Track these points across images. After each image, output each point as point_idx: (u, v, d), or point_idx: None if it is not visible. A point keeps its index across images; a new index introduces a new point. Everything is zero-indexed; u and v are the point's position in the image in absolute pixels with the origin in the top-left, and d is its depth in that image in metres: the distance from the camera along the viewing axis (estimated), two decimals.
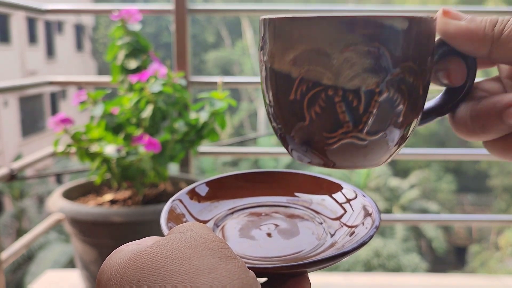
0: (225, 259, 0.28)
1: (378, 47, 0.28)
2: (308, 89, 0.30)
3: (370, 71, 0.29)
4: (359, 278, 1.14)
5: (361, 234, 0.37)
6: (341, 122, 0.30)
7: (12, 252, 0.97)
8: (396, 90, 0.29)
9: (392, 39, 0.29)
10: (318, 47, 0.29)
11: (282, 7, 1.20)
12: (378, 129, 0.30)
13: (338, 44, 0.28)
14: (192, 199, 0.44)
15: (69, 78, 1.23)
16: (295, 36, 0.29)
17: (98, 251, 0.92)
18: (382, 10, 1.24)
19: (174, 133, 0.97)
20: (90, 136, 0.97)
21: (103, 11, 1.17)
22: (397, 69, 0.29)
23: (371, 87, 0.29)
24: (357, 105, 0.29)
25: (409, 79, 0.30)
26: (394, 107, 0.30)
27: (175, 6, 1.14)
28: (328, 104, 0.29)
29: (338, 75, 0.29)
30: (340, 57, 0.28)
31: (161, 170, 0.97)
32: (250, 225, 0.43)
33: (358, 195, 0.42)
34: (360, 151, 0.31)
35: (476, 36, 0.31)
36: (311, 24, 0.29)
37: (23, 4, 1.10)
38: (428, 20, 0.31)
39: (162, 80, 0.97)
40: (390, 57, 0.29)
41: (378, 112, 0.30)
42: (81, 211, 0.90)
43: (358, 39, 0.28)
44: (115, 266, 0.29)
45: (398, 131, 0.31)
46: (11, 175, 1.00)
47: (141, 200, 1.00)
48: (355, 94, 0.29)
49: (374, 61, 0.28)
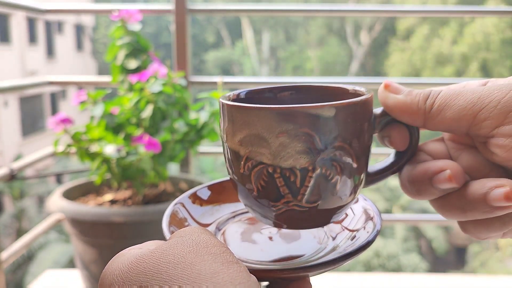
0: (227, 264, 0.28)
1: (307, 132, 0.33)
2: (253, 166, 0.34)
3: (302, 152, 0.33)
4: (359, 278, 1.14)
5: (362, 238, 0.37)
6: (282, 194, 0.34)
7: (12, 252, 0.97)
8: (328, 167, 0.33)
9: (320, 125, 0.33)
10: (258, 132, 0.33)
11: (282, 7, 1.20)
12: (316, 199, 0.34)
13: (274, 130, 0.33)
14: (194, 203, 0.44)
15: (69, 78, 1.23)
16: (240, 121, 0.34)
17: (98, 251, 0.92)
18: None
19: (174, 133, 0.97)
20: (90, 136, 0.97)
21: (103, 11, 1.17)
22: (327, 150, 0.33)
23: (304, 166, 0.33)
24: (294, 180, 0.34)
25: (340, 156, 0.34)
26: (328, 180, 0.34)
27: (175, 6, 1.14)
28: (270, 179, 0.34)
29: (275, 156, 0.33)
30: (276, 141, 0.33)
31: (161, 170, 0.97)
32: (251, 229, 0.43)
33: (359, 199, 0.42)
34: (304, 216, 0.35)
35: (411, 110, 0.35)
36: (252, 112, 0.33)
37: (23, 4, 1.10)
38: (358, 103, 0.34)
39: (162, 80, 0.97)
40: (319, 140, 0.33)
41: (313, 185, 0.34)
42: (81, 211, 0.90)
43: (290, 126, 0.32)
44: (118, 270, 0.29)
45: (336, 198, 0.35)
46: (11, 175, 1.00)
47: (141, 200, 1.00)
48: (291, 171, 0.33)
49: (305, 144, 0.33)
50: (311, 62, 15.76)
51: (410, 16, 1.35)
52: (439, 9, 1.20)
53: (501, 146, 0.32)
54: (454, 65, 13.29)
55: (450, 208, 0.36)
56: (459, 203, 0.35)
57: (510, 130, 0.32)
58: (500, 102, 0.32)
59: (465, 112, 0.33)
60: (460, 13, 1.20)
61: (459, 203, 0.35)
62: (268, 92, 0.42)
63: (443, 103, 0.34)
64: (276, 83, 1.31)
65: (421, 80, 1.19)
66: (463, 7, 1.17)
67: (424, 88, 0.37)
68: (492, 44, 12.81)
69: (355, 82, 1.36)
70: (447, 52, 13.32)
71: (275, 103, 0.39)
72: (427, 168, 0.35)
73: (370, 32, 15.52)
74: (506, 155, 0.33)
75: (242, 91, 0.41)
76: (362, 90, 0.38)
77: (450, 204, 0.36)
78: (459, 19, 13.06)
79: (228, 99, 0.38)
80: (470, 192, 0.34)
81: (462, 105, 0.33)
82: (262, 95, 0.42)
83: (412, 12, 1.24)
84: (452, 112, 0.33)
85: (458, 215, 0.36)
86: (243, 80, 1.29)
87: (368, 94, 0.36)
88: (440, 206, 0.37)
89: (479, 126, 0.33)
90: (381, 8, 1.21)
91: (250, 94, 0.41)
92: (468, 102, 0.33)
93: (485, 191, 0.33)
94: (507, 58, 12.97)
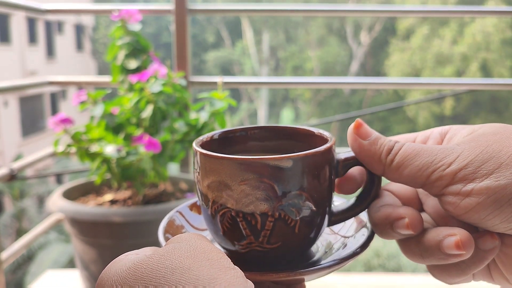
0: (224, 270, 0.28)
1: (267, 182, 0.35)
2: (219, 209, 0.37)
3: (262, 199, 0.35)
4: (359, 278, 1.14)
5: (356, 244, 0.39)
6: (245, 236, 0.37)
7: (12, 252, 0.97)
8: (287, 212, 0.36)
9: (278, 175, 0.35)
10: (222, 179, 0.36)
11: (282, 7, 1.20)
12: (276, 240, 0.37)
13: (236, 179, 0.35)
14: (192, 211, 0.46)
15: (69, 78, 1.23)
16: (208, 168, 0.37)
17: (98, 251, 0.92)
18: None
19: (174, 133, 0.97)
20: (90, 136, 0.97)
21: (103, 11, 1.17)
22: (286, 197, 0.35)
23: (264, 211, 0.35)
24: (255, 224, 0.36)
25: (299, 202, 0.36)
26: (287, 224, 0.36)
27: (175, 6, 1.14)
28: (233, 222, 0.37)
29: (238, 201, 0.36)
30: (238, 188, 0.35)
31: (161, 170, 0.97)
32: None
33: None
34: (267, 255, 0.37)
35: (373, 159, 0.38)
36: (217, 161, 0.36)
37: (23, 4, 1.10)
38: (316, 153, 0.36)
39: (162, 80, 0.97)
40: (278, 188, 0.35)
41: (273, 228, 0.36)
42: (81, 211, 0.90)
43: (251, 176, 0.35)
44: (115, 276, 0.29)
45: (297, 240, 0.37)
46: (11, 175, 1.00)
47: (141, 200, 1.00)
48: (252, 216, 0.36)
49: (264, 192, 0.35)
50: (311, 62, 15.76)
51: (410, 16, 1.35)
52: (439, 9, 1.20)
53: (450, 204, 0.36)
54: (454, 65, 13.29)
55: (410, 252, 0.39)
56: (418, 249, 0.38)
57: (456, 189, 0.35)
58: (449, 166, 0.35)
59: (420, 173, 0.36)
60: (460, 13, 1.20)
61: (418, 249, 0.38)
62: (240, 132, 0.44)
63: (402, 161, 0.37)
64: (275, 83, 1.31)
65: (421, 80, 1.19)
66: (463, 7, 1.17)
67: (424, 88, 0.38)
68: (492, 44, 12.81)
69: (355, 82, 1.36)
70: (447, 52, 13.32)
71: (246, 142, 0.44)
72: (389, 214, 0.38)
73: (370, 32, 15.52)
74: (455, 211, 0.35)
75: (216, 132, 0.43)
76: (326, 134, 0.40)
77: (411, 249, 0.39)
78: (459, 19, 13.07)
79: (201, 142, 0.41)
80: (427, 239, 0.37)
81: (418, 166, 0.36)
82: (234, 134, 0.44)
83: (412, 12, 1.24)
84: (408, 170, 0.37)
85: (418, 260, 0.39)
86: (243, 80, 1.29)
87: (329, 142, 0.38)
88: (403, 249, 0.40)
89: (431, 185, 0.36)
90: (381, 8, 1.21)
91: (223, 134, 0.44)
92: (423, 163, 0.36)
93: (440, 239, 0.36)
94: (507, 58, 12.97)
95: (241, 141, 0.44)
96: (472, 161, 0.35)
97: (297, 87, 1.38)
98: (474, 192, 0.34)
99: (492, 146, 0.35)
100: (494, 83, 1.22)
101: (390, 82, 1.27)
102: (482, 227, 0.36)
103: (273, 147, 0.44)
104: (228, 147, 0.43)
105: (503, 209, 0.34)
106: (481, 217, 0.34)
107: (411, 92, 12.79)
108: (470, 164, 0.35)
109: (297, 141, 0.43)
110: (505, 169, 0.34)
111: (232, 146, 0.44)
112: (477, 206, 0.34)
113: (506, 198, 0.33)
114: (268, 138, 0.45)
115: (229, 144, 0.44)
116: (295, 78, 4.39)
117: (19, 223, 8.20)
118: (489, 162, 0.34)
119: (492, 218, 0.34)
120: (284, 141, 0.44)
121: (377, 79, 1.27)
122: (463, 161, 0.35)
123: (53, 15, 2.30)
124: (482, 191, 0.34)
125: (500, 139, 0.35)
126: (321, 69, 15.32)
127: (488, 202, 0.34)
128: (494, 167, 0.34)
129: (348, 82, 1.30)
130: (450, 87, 1.40)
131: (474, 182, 0.34)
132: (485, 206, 0.34)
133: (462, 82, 1.21)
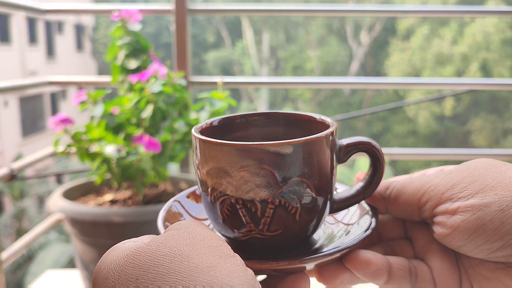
0: (224, 257, 0.28)
1: (266, 168, 0.34)
2: (218, 196, 0.36)
3: (262, 186, 0.35)
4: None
5: (358, 232, 0.39)
6: (245, 223, 0.36)
7: (12, 252, 0.97)
8: (287, 199, 0.35)
9: (279, 161, 0.34)
10: (222, 166, 0.35)
11: (282, 7, 1.20)
12: (277, 228, 0.36)
13: (235, 165, 0.35)
14: (189, 199, 0.45)
15: (69, 78, 1.23)
16: (207, 154, 0.36)
17: (98, 251, 0.92)
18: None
19: (174, 133, 0.97)
20: (90, 136, 0.97)
21: (103, 11, 1.17)
22: (286, 184, 0.35)
23: (264, 198, 0.35)
24: (255, 211, 0.36)
25: (299, 189, 0.35)
26: (288, 211, 0.36)
27: (175, 6, 1.14)
28: (233, 209, 0.36)
29: (237, 188, 0.35)
30: (237, 175, 0.35)
31: (161, 170, 0.97)
32: None
33: None
34: (268, 243, 0.37)
35: (376, 197, 0.41)
36: (216, 147, 0.35)
37: (23, 4, 1.10)
38: (317, 139, 0.36)
39: (162, 80, 0.97)
40: (278, 175, 0.35)
41: (273, 216, 0.36)
42: (81, 211, 0.90)
43: (250, 162, 0.34)
44: (113, 264, 0.28)
45: (298, 227, 0.37)
46: (11, 175, 1.00)
47: (141, 200, 1.00)
48: (252, 203, 0.35)
49: (264, 179, 0.35)
50: (311, 62, 15.76)
51: (410, 16, 1.35)
52: (439, 9, 1.20)
53: (439, 224, 0.37)
54: (454, 65, 13.28)
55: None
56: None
57: (444, 208, 0.37)
58: (436, 187, 0.38)
59: (412, 198, 0.39)
60: (460, 13, 1.20)
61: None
62: (240, 118, 0.44)
63: (397, 192, 0.40)
64: (275, 83, 1.31)
65: (421, 80, 1.19)
66: (463, 7, 1.17)
67: (424, 88, 0.39)
68: (492, 44, 12.81)
69: (355, 82, 1.36)
70: (447, 52, 13.32)
71: (246, 129, 0.43)
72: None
73: (370, 32, 15.52)
74: (443, 231, 0.37)
75: (216, 119, 0.43)
76: (328, 120, 0.40)
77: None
78: (459, 19, 13.06)
79: (200, 129, 0.40)
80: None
81: (410, 191, 0.39)
82: (234, 121, 0.44)
83: (412, 12, 1.24)
84: (404, 198, 0.40)
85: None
86: (243, 80, 1.29)
87: (331, 128, 0.38)
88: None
89: (423, 208, 0.38)
90: (381, 8, 1.21)
91: (223, 120, 0.43)
92: (415, 189, 0.39)
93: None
94: (507, 58, 12.97)
95: (241, 127, 0.44)
96: (459, 182, 0.37)
97: (297, 87, 1.38)
98: (460, 209, 0.36)
99: (478, 171, 0.37)
100: (494, 83, 1.22)
101: (390, 82, 1.27)
102: (465, 251, 0.37)
103: (274, 134, 0.44)
104: (228, 134, 0.43)
105: (485, 227, 0.35)
106: (464, 236, 0.36)
107: (411, 92, 12.79)
108: (456, 184, 0.37)
109: (298, 128, 0.43)
110: (490, 190, 0.36)
111: (232, 132, 0.43)
112: (462, 223, 0.35)
113: (489, 215, 0.35)
114: (268, 124, 0.44)
115: (229, 131, 0.43)
116: (295, 78, 4.38)
117: (19, 223, 8.20)
118: (475, 184, 0.36)
119: (475, 238, 0.35)
120: (285, 127, 0.44)
121: (377, 79, 1.27)
122: (449, 181, 0.37)
123: (53, 15, 2.30)
124: (467, 208, 0.35)
125: (485, 166, 0.38)
126: (321, 69, 15.32)
127: (472, 219, 0.35)
128: (480, 188, 0.36)
129: (348, 82, 1.30)
130: (450, 87, 1.40)
131: (460, 201, 0.36)
132: (469, 223, 0.35)
133: (462, 82, 1.21)
